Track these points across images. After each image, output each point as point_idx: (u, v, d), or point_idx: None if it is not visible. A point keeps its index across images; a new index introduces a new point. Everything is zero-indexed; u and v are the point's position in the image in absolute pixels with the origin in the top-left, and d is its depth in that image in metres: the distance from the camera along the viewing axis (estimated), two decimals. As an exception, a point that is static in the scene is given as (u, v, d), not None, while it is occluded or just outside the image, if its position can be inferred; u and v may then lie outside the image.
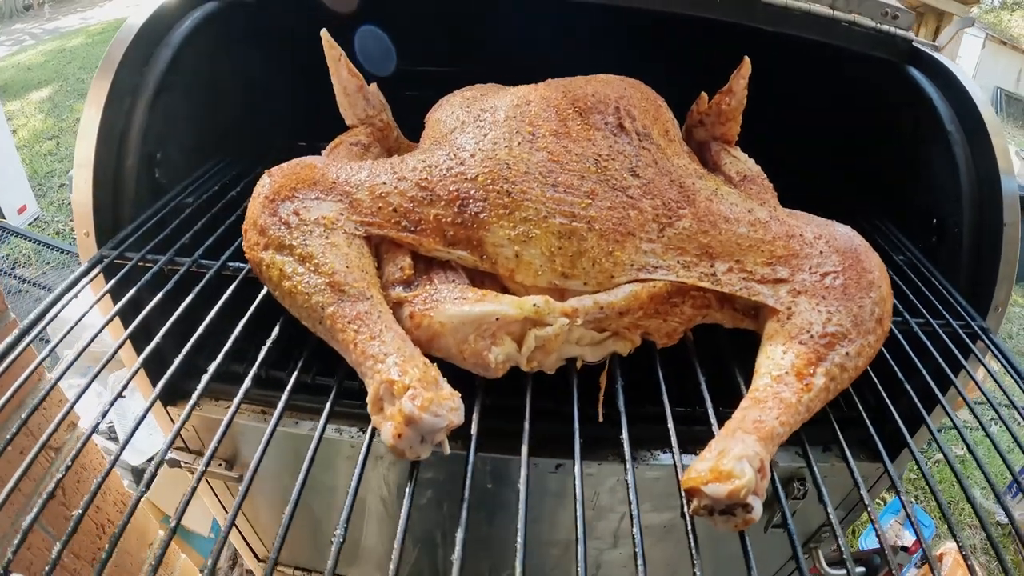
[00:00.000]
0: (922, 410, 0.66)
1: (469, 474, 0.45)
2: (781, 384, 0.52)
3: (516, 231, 0.53)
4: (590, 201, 0.55)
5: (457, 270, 0.55)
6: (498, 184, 0.55)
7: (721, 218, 0.60)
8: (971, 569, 0.52)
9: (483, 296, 0.50)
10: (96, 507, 1.02)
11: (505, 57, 1.00)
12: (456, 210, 0.55)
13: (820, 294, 0.58)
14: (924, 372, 0.70)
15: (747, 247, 0.60)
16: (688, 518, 0.47)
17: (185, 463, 0.97)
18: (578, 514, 0.48)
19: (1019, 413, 0.63)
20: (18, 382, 0.55)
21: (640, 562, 0.44)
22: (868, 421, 0.62)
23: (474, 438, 0.48)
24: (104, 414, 0.58)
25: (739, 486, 0.44)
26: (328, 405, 0.55)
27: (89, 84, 0.80)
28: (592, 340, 0.55)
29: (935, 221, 0.92)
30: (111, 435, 1.84)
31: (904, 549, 1.23)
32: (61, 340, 0.65)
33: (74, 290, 0.69)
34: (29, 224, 2.99)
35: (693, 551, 0.46)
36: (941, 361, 0.72)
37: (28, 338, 0.62)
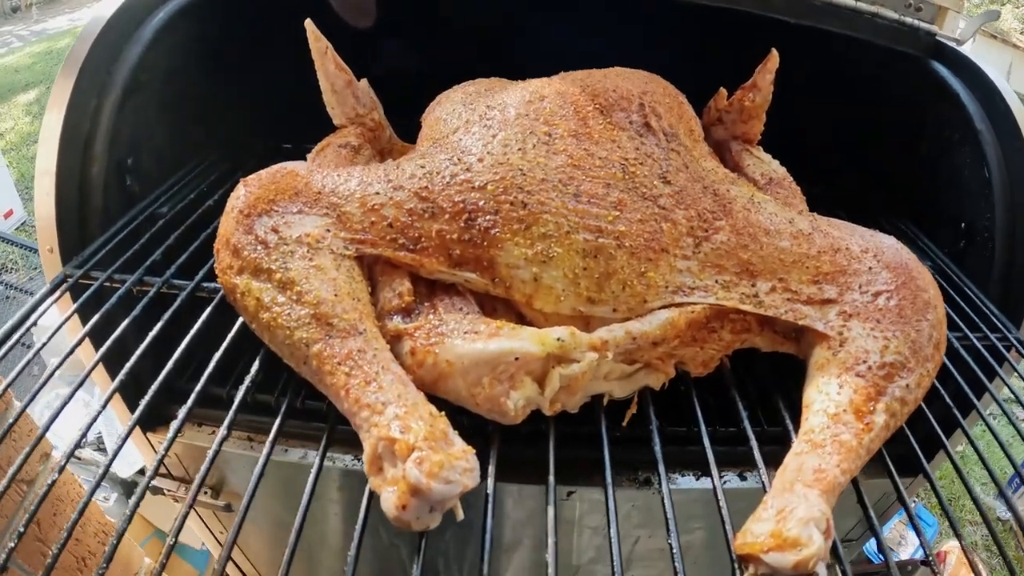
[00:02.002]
0: (959, 417, 0.58)
1: (487, 547, 0.36)
2: (839, 424, 0.44)
3: (534, 250, 0.44)
4: (618, 213, 0.46)
5: (465, 295, 0.46)
6: (511, 194, 0.45)
7: (761, 230, 0.51)
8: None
9: (498, 329, 0.41)
10: (75, 539, 0.92)
11: (508, 51, 0.90)
12: (462, 225, 0.45)
13: (874, 317, 0.50)
14: (961, 382, 0.62)
15: (791, 263, 0.51)
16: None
17: (169, 491, 0.88)
18: (614, 552, 0.39)
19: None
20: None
21: None
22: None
23: (491, 499, 0.39)
24: (72, 452, 0.49)
25: (807, 556, 0.35)
26: (323, 443, 0.46)
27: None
28: (622, 373, 0.46)
29: (963, 225, 0.84)
30: (100, 446, 1.73)
31: (925, 563, 1.16)
32: (12, 382, 0.56)
33: (33, 316, 0.60)
34: (16, 229, 2.86)
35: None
36: (980, 373, 0.64)
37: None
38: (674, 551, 0.40)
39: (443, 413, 0.38)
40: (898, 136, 0.95)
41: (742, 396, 0.50)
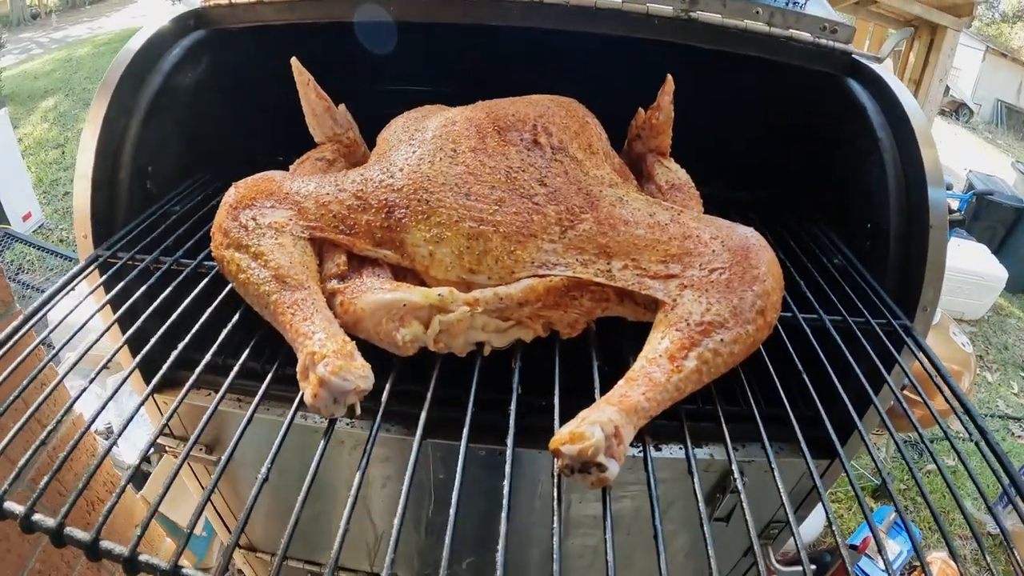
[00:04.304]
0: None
1: (372, 437, 0.60)
2: (653, 365, 0.66)
3: (431, 233, 0.69)
4: (497, 207, 0.71)
5: (383, 267, 0.71)
6: (419, 194, 0.71)
7: (621, 221, 0.75)
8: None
9: (397, 286, 0.66)
10: (88, 487, 1.21)
11: (481, 79, 1.16)
12: (383, 216, 0.71)
13: (705, 287, 0.72)
14: (827, 364, 0.82)
15: (643, 247, 0.74)
16: (556, 476, 0.60)
17: (170, 447, 1.15)
18: (456, 490, 0.58)
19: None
20: (19, 359, 0.73)
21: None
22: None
23: (383, 406, 0.63)
24: (86, 388, 0.75)
25: (587, 446, 0.56)
26: (263, 388, 0.70)
27: (95, 94, 0.99)
28: (497, 328, 0.69)
29: (869, 226, 1.04)
30: (109, 435, 2.05)
31: (853, 547, 1.32)
32: (59, 324, 0.83)
33: (72, 283, 0.87)
34: (34, 231, 3.29)
35: (555, 504, 0.57)
36: (846, 350, 0.84)
37: (31, 322, 0.81)
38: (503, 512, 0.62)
39: (353, 342, 0.63)
40: (817, 147, 1.16)
41: (599, 354, 0.73)
